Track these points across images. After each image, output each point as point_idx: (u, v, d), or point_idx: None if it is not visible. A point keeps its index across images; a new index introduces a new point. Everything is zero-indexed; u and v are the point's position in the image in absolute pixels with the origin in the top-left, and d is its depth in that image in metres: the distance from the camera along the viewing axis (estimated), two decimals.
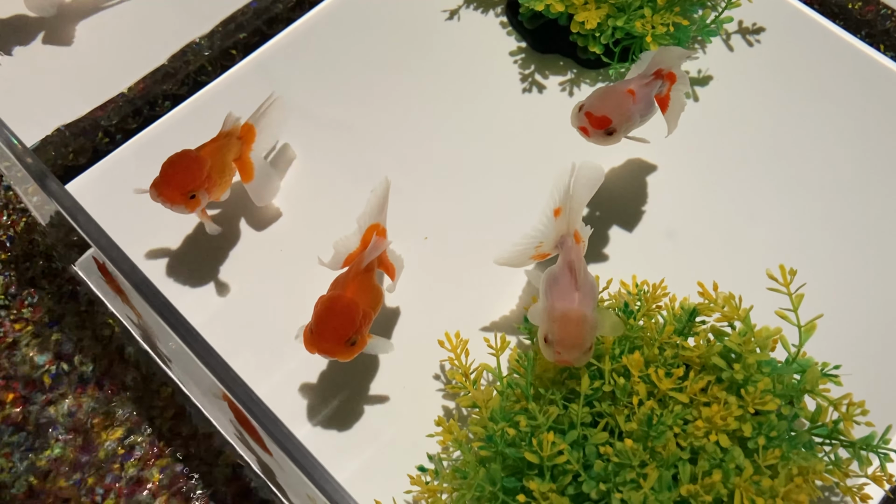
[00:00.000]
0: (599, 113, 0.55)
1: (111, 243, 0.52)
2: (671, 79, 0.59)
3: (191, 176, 0.58)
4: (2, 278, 0.67)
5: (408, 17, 0.76)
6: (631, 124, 0.57)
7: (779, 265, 0.52)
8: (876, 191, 0.68)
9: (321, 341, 0.52)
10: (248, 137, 0.63)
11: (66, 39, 0.74)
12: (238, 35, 0.75)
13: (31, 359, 0.64)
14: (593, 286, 0.52)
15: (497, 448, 0.49)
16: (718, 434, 0.48)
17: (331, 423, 0.59)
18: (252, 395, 0.47)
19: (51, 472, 0.60)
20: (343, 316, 0.52)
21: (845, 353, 0.57)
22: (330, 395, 0.60)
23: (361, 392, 0.60)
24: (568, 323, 0.49)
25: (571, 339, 0.49)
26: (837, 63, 0.74)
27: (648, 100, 0.57)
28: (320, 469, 0.45)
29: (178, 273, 0.65)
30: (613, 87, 0.57)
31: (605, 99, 0.56)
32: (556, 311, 0.50)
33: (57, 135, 0.69)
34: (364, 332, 0.54)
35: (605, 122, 0.55)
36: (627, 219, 0.66)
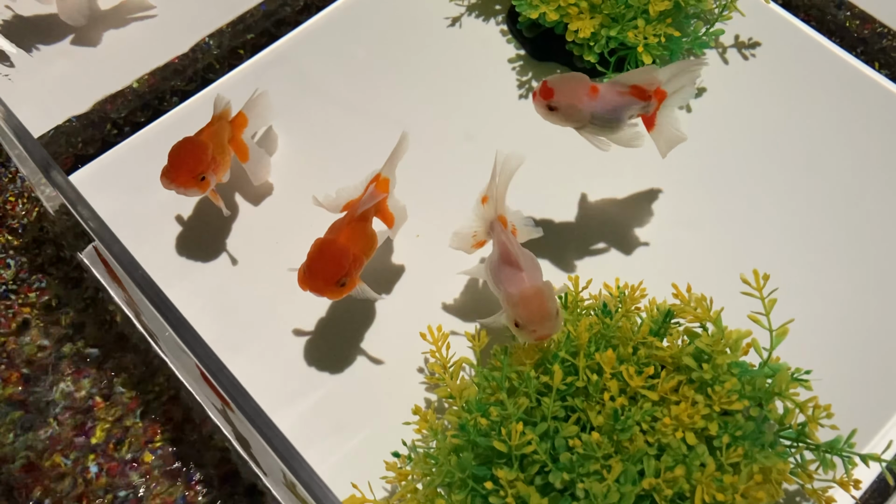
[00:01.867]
0: (550, 85, 0.58)
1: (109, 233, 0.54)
2: (659, 97, 0.59)
3: (198, 159, 0.61)
4: (13, 263, 0.70)
5: (411, 23, 0.79)
6: (577, 114, 0.58)
7: (752, 270, 0.53)
8: (860, 202, 0.69)
9: (313, 280, 0.56)
10: (240, 123, 0.67)
11: (93, 41, 0.77)
12: (246, 35, 0.77)
13: (36, 341, 0.66)
14: (532, 258, 0.56)
15: (469, 437, 0.50)
16: (685, 432, 0.49)
17: (315, 410, 0.61)
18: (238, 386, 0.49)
19: (48, 450, 0.62)
20: (334, 259, 0.56)
21: (819, 359, 0.58)
22: (317, 383, 0.62)
23: (347, 381, 0.62)
24: (528, 302, 0.52)
25: (538, 314, 0.52)
26: (831, 79, 0.75)
27: (613, 106, 0.58)
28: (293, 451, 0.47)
29: (181, 254, 0.67)
30: (580, 76, 0.58)
31: (565, 80, 0.58)
32: (513, 296, 0.53)
33: (68, 125, 0.72)
34: (354, 276, 0.57)
35: (548, 94, 0.57)
36: (614, 223, 0.68)
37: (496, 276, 0.55)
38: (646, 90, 0.58)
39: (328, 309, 0.65)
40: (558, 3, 0.68)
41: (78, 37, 0.77)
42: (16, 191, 0.73)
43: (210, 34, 0.77)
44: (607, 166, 0.69)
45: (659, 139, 0.61)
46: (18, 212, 0.72)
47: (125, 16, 0.78)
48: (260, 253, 0.67)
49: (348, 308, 0.65)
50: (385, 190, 0.62)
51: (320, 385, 0.62)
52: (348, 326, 0.64)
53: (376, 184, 0.62)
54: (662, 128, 0.61)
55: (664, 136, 0.61)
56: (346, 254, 0.57)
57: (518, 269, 0.54)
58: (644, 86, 0.58)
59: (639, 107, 0.59)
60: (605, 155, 0.63)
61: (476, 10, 0.79)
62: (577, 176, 0.70)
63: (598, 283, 0.60)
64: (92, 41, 0.76)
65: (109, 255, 0.52)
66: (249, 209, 0.69)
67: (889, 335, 0.64)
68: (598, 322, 0.55)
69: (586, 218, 0.69)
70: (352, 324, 0.64)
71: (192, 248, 0.67)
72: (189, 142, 0.63)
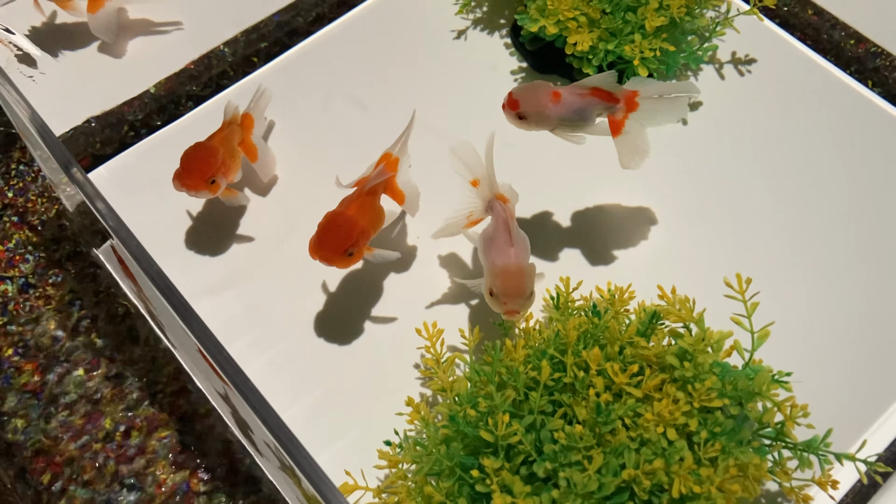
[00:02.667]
0: (515, 97, 0.62)
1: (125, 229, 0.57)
2: (630, 105, 0.62)
3: (208, 164, 0.65)
4: (32, 258, 0.73)
5: (419, 34, 0.82)
6: (544, 120, 0.62)
7: (736, 274, 0.55)
8: (849, 215, 0.71)
9: (321, 249, 0.60)
10: (248, 124, 0.70)
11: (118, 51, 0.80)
12: (260, 44, 0.80)
13: (52, 333, 0.69)
14: (525, 239, 0.59)
15: (458, 427, 0.53)
16: (667, 427, 0.51)
17: (313, 402, 0.63)
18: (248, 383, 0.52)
19: (59, 437, 0.65)
20: (342, 230, 0.60)
21: (801, 362, 0.60)
22: (316, 375, 0.64)
23: (345, 375, 0.64)
24: (509, 276, 0.56)
25: (514, 289, 0.56)
26: (825, 96, 0.77)
27: (576, 108, 0.61)
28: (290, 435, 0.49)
29: (191, 249, 0.70)
30: (543, 83, 0.62)
31: (528, 89, 0.62)
32: (497, 267, 0.57)
33: (87, 126, 0.75)
34: (361, 246, 0.61)
35: (515, 105, 0.62)
36: (606, 226, 0.71)
37: (487, 245, 0.59)
38: (610, 93, 0.61)
39: (329, 303, 0.67)
40: (557, 18, 0.70)
41: (104, 45, 0.80)
42: (37, 190, 0.76)
43: (225, 42, 0.80)
44: (604, 172, 0.72)
45: (622, 147, 0.63)
46: (39, 209, 0.75)
47: (151, 28, 0.81)
48: (264, 248, 0.70)
49: (348, 303, 0.67)
50: (394, 169, 0.66)
51: (319, 378, 0.64)
52: (348, 321, 0.67)
53: (386, 163, 0.65)
54: (628, 137, 0.63)
55: (627, 146, 0.63)
56: (354, 225, 0.60)
57: (509, 245, 0.58)
58: (605, 88, 0.61)
59: (603, 107, 0.62)
60: (600, 161, 0.66)
61: (481, 23, 0.82)
62: (572, 181, 0.72)
63: (588, 284, 0.63)
64: (117, 51, 0.80)
65: (125, 249, 0.55)
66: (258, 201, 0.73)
67: (870, 340, 0.65)
68: (588, 322, 0.57)
69: (579, 221, 0.71)
70: (351, 319, 0.67)
71: (203, 243, 0.70)
72: (200, 147, 0.66)
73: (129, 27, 0.80)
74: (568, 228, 0.71)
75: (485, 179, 0.62)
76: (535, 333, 0.59)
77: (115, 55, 0.79)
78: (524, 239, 0.60)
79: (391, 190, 0.66)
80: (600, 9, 0.72)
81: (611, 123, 0.63)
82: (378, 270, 0.68)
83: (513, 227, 0.59)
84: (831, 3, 0.82)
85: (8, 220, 0.75)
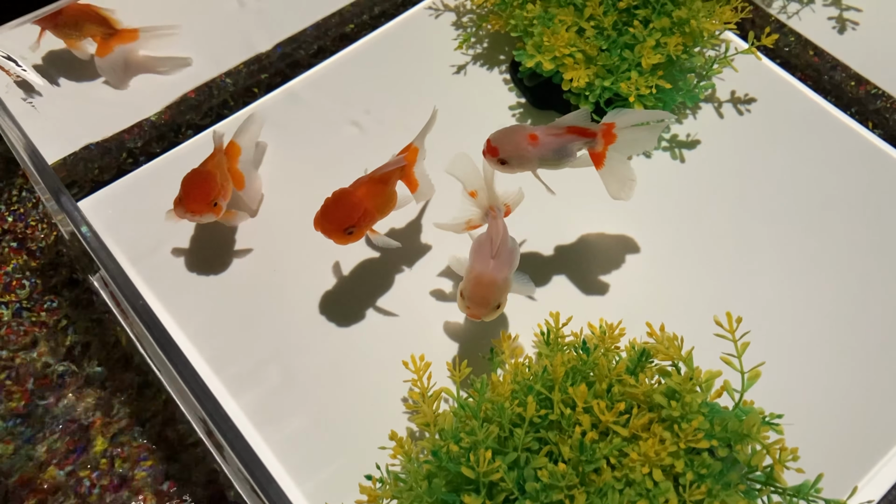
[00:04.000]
0: (494, 143, 0.63)
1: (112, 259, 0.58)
2: (608, 138, 0.63)
3: (210, 187, 0.66)
4: (29, 283, 0.73)
5: (419, 69, 0.82)
6: (525, 162, 0.63)
7: (726, 312, 0.55)
8: (846, 257, 0.70)
9: (324, 223, 0.62)
10: (233, 153, 0.71)
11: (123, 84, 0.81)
12: (261, 76, 0.81)
13: (44, 358, 0.69)
14: (511, 253, 0.61)
15: (441, 463, 0.52)
16: (653, 468, 0.50)
17: (298, 432, 0.62)
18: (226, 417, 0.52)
19: (45, 463, 0.65)
20: (345, 208, 0.62)
21: (794, 404, 0.59)
22: (303, 407, 0.64)
23: (333, 406, 0.64)
24: (479, 284, 0.59)
25: (480, 297, 0.59)
26: (825, 136, 0.77)
27: (554, 147, 0.62)
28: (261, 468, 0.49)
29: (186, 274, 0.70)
30: (519, 127, 0.63)
31: (506, 134, 0.63)
32: (473, 272, 0.60)
33: (86, 152, 0.76)
34: (363, 227, 0.63)
35: (494, 152, 0.62)
36: (598, 263, 0.70)
37: (474, 249, 0.61)
38: (585, 129, 0.62)
39: (318, 335, 0.67)
40: (554, 54, 0.71)
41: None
42: (37, 216, 0.77)
43: (227, 72, 0.81)
44: (598, 207, 0.71)
45: (607, 178, 0.64)
46: (38, 235, 0.76)
47: (158, 67, 0.81)
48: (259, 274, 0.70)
49: (337, 335, 0.67)
50: (413, 159, 0.67)
51: (306, 408, 0.64)
52: (337, 353, 0.66)
53: (407, 153, 0.67)
54: (612, 168, 0.64)
55: (613, 177, 0.64)
56: (359, 205, 0.62)
57: (490, 257, 0.60)
58: (579, 125, 0.62)
59: (582, 142, 0.63)
60: (594, 195, 0.66)
61: (481, 59, 0.82)
62: (565, 216, 0.72)
63: (580, 320, 0.62)
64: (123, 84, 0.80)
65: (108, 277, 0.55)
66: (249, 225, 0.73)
67: (864, 383, 0.64)
68: (576, 358, 0.57)
69: (571, 255, 0.71)
70: (341, 350, 0.66)
71: (198, 267, 0.70)
72: (199, 172, 0.67)
73: (137, 65, 0.81)
74: (560, 263, 0.70)
75: (482, 191, 0.63)
76: (524, 368, 0.58)
77: (120, 86, 0.80)
78: (511, 252, 0.61)
79: (408, 178, 0.68)
80: (597, 46, 0.72)
81: (592, 157, 0.64)
82: (369, 300, 0.68)
83: (500, 241, 0.60)
84: (832, 44, 0.82)
85: (7, 245, 0.75)
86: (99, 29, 0.78)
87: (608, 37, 0.73)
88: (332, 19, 0.85)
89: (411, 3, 0.87)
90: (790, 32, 0.83)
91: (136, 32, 0.79)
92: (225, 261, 0.70)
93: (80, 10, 0.78)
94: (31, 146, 0.60)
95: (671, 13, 0.73)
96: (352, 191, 0.63)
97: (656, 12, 0.73)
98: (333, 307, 0.68)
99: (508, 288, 0.60)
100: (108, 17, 0.79)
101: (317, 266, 0.70)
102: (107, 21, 0.78)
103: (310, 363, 0.66)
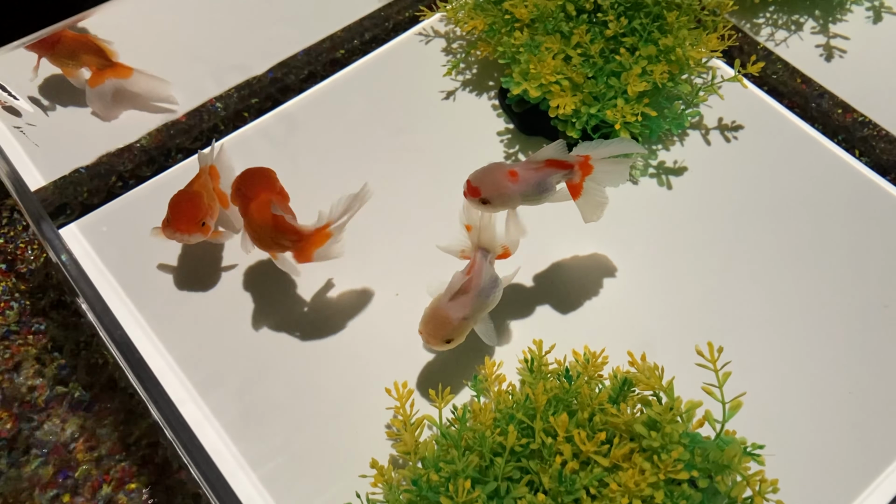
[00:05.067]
0: (475, 184, 0.62)
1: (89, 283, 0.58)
2: (585, 170, 0.63)
3: (197, 208, 0.67)
4: (17, 305, 0.73)
5: (408, 95, 0.83)
6: (508, 199, 0.62)
7: (707, 342, 0.55)
8: (831, 287, 0.70)
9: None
10: (215, 175, 0.71)
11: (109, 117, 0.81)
12: (251, 100, 0.82)
13: (30, 380, 0.69)
14: (481, 296, 0.61)
15: (421, 492, 0.52)
16: (632, 498, 0.50)
17: (281, 460, 0.62)
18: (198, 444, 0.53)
19: (27, 489, 0.64)
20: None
21: (776, 435, 0.59)
22: (285, 432, 0.64)
23: (315, 432, 0.64)
24: (433, 317, 0.61)
25: (430, 328, 0.61)
26: (812, 164, 0.77)
27: (534, 182, 0.62)
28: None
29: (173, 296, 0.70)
30: (498, 165, 0.63)
31: (485, 173, 0.63)
32: (437, 301, 0.61)
33: (76, 175, 0.76)
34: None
35: (476, 192, 0.62)
36: (587, 292, 0.70)
37: (452, 280, 0.61)
38: (563, 161, 0.62)
39: (302, 359, 0.67)
40: (540, 81, 0.71)
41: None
42: (27, 237, 0.77)
43: (218, 96, 0.81)
44: (584, 234, 0.72)
45: (583, 206, 0.65)
46: (28, 257, 0.76)
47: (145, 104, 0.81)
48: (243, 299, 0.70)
49: (321, 360, 0.67)
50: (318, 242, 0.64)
51: (286, 433, 0.64)
52: (321, 378, 0.66)
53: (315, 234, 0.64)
54: (588, 197, 0.65)
55: (588, 204, 0.65)
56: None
57: (461, 292, 0.61)
58: (557, 158, 0.63)
59: (561, 175, 0.63)
60: (578, 224, 0.66)
61: (470, 85, 0.83)
62: (550, 243, 0.72)
63: (564, 348, 0.62)
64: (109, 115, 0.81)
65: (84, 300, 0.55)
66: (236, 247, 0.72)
67: (847, 416, 0.64)
68: (559, 386, 0.57)
69: (556, 282, 0.71)
70: (324, 377, 0.66)
71: (187, 287, 0.71)
72: (186, 193, 0.68)
73: (125, 100, 0.81)
74: (545, 290, 0.70)
75: (475, 229, 0.64)
76: (507, 396, 0.58)
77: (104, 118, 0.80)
78: (481, 295, 0.61)
79: (313, 241, 0.64)
80: (584, 73, 0.72)
81: (570, 188, 0.64)
82: (355, 324, 0.68)
83: (478, 280, 0.61)
84: (819, 72, 0.83)
85: None
86: (95, 59, 0.79)
87: (594, 64, 0.73)
88: (323, 44, 0.85)
89: (402, 29, 0.87)
90: (778, 60, 0.84)
91: (131, 71, 0.79)
92: (212, 281, 0.71)
93: (78, 41, 0.79)
94: (14, 173, 0.60)
95: (657, 41, 0.74)
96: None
97: (643, 40, 0.74)
98: (318, 330, 0.68)
99: (465, 328, 0.61)
100: (106, 49, 0.79)
101: (304, 288, 0.70)
102: (103, 52, 0.79)
103: (292, 387, 0.66)
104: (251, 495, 0.61)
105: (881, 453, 0.62)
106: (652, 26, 0.75)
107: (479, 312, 0.62)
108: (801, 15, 0.88)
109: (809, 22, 0.88)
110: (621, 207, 0.72)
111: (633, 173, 0.76)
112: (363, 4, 0.88)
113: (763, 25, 0.87)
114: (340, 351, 0.67)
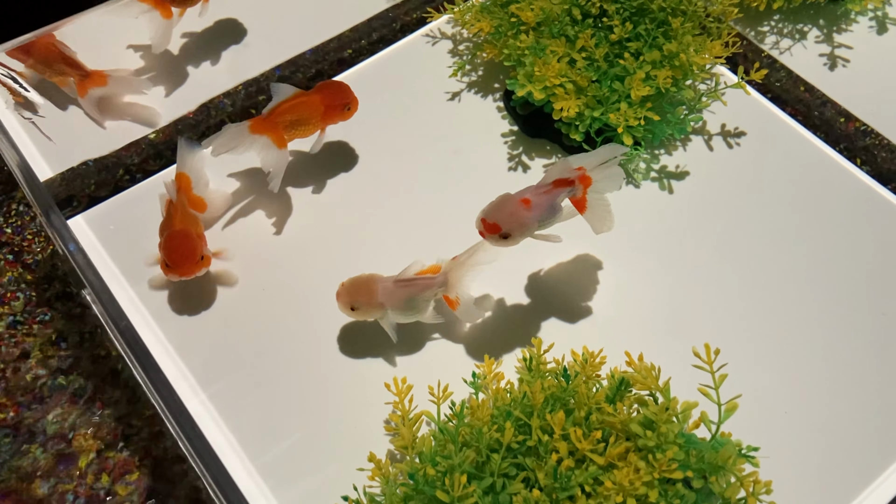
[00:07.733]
0: (492, 220, 0.61)
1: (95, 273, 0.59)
2: (585, 182, 0.64)
3: (191, 247, 0.67)
4: (24, 296, 0.74)
5: (414, 95, 0.83)
6: (527, 229, 0.62)
7: (704, 344, 0.55)
8: (830, 293, 0.71)
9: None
10: (185, 184, 0.71)
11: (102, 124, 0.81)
12: (258, 97, 0.82)
13: (34, 370, 0.70)
14: (414, 294, 0.64)
15: (417, 486, 0.52)
16: (626, 497, 0.51)
17: (279, 452, 0.63)
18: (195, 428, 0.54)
19: (29, 476, 0.65)
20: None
21: (772, 437, 0.60)
22: (283, 425, 0.64)
23: (314, 425, 0.64)
24: (361, 281, 0.64)
25: (351, 291, 0.64)
26: (813, 171, 0.78)
27: (548, 205, 0.63)
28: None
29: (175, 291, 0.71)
30: (509, 197, 0.62)
31: (499, 207, 0.62)
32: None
33: (83, 168, 0.77)
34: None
35: (496, 229, 0.61)
36: (587, 293, 0.71)
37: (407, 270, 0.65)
38: (567, 178, 0.63)
39: (303, 352, 0.68)
40: (545, 84, 0.72)
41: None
42: (34, 229, 0.78)
43: (225, 93, 0.82)
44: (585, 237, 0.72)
45: (590, 218, 0.66)
46: (35, 248, 0.77)
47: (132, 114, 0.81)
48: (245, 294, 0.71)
49: (322, 354, 0.67)
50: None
51: (284, 426, 0.64)
52: (322, 372, 0.67)
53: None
54: (594, 209, 0.65)
55: (595, 216, 0.65)
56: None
57: (396, 276, 0.64)
58: (562, 176, 0.63)
59: (567, 192, 0.63)
60: (580, 224, 0.66)
61: (475, 87, 0.84)
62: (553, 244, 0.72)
63: (563, 347, 0.62)
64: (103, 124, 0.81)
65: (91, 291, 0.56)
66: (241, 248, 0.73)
67: (843, 419, 0.65)
68: (556, 385, 0.57)
69: (557, 284, 0.71)
70: (325, 370, 0.67)
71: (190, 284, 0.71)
72: (177, 235, 0.67)
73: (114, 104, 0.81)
74: (545, 290, 0.71)
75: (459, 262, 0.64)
76: (504, 394, 0.59)
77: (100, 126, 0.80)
78: (414, 294, 0.64)
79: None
80: (588, 77, 0.73)
81: (575, 204, 0.65)
82: (357, 326, 0.69)
83: (415, 281, 0.64)
84: (823, 80, 0.83)
85: (3, 257, 0.76)
86: (72, 70, 0.78)
87: (599, 68, 0.74)
88: (331, 44, 0.86)
89: (409, 30, 0.88)
90: (781, 68, 0.84)
91: (106, 78, 0.79)
92: (214, 281, 0.71)
93: (46, 48, 0.78)
94: (24, 163, 0.61)
95: (662, 46, 0.74)
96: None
97: (647, 45, 0.75)
98: (317, 325, 0.69)
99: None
100: (72, 58, 0.78)
101: (303, 286, 0.71)
102: (76, 63, 0.79)
103: (291, 381, 0.66)
104: (249, 487, 0.61)
105: (876, 459, 0.63)
106: (657, 32, 0.75)
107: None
108: (806, 24, 0.89)
109: (813, 31, 0.88)
110: (623, 210, 0.73)
111: (636, 177, 0.77)
112: (371, 5, 0.89)
113: (767, 33, 0.88)
114: (341, 345, 0.68)
